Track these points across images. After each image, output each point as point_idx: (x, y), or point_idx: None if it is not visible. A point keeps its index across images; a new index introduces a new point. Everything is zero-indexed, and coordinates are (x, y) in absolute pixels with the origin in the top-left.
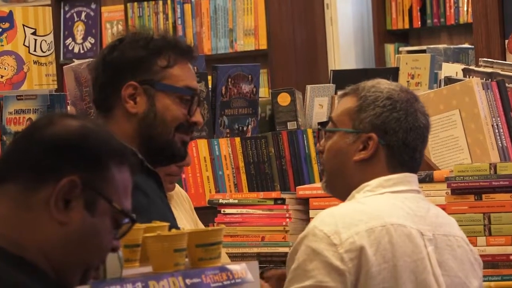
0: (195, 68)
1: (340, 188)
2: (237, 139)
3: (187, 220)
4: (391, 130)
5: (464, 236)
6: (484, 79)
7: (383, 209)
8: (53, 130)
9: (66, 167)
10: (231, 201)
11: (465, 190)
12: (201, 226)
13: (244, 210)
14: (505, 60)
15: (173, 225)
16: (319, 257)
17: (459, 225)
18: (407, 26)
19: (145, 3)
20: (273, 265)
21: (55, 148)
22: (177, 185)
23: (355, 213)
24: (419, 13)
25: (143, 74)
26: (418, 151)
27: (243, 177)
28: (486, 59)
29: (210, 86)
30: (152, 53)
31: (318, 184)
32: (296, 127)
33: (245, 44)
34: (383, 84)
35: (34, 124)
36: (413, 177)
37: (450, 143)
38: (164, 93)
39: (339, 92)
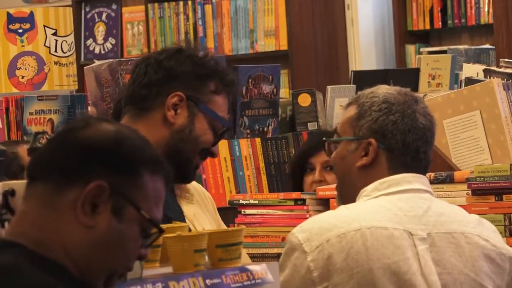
0: None
1: (348, 196)
2: (258, 140)
3: (209, 221)
4: (389, 133)
5: (485, 233)
6: (505, 79)
7: (364, 212)
8: (87, 133)
9: (96, 171)
10: (251, 201)
11: (486, 191)
12: (224, 227)
13: (264, 211)
14: None
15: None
16: (289, 265)
17: None
18: (428, 26)
19: (166, 4)
20: None
21: (87, 151)
22: (199, 185)
23: (334, 219)
24: (440, 14)
25: (193, 91)
26: (422, 152)
27: (264, 177)
28: (507, 59)
29: None
30: (208, 74)
31: None
32: (316, 127)
33: (265, 44)
34: (381, 89)
35: (70, 125)
36: (415, 177)
37: (471, 144)
38: (204, 116)
39: (344, 103)
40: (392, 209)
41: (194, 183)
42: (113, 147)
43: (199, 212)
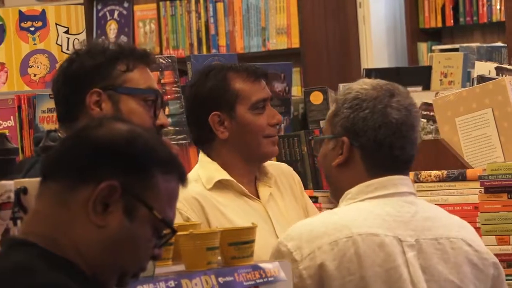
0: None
1: (334, 194)
2: None
3: (290, 202)
4: (360, 130)
5: (468, 236)
6: None
7: (354, 218)
8: (100, 132)
9: (108, 170)
10: None
11: (498, 189)
12: (310, 208)
13: None
14: None
15: None
16: None
17: (492, 224)
18: (440, 24)
19: (178, 1)
20: None
21: (99, 151)
22: (289, 169)
23: (323, 225)
24: (452, 12)
25: (104, 80)
26: (397, 148)
27: None
28: None
29: None
30: (110, 59)
31: None
32: None
33: (277, 42)
34: (358, 84)
35: (84, 125)
36: (400, 179)
37: (483, 142)
38: (128, 96)
39: None
40: (381, 214)
41: (283, 166)
42: (125, 147)
43: (277, 194)
